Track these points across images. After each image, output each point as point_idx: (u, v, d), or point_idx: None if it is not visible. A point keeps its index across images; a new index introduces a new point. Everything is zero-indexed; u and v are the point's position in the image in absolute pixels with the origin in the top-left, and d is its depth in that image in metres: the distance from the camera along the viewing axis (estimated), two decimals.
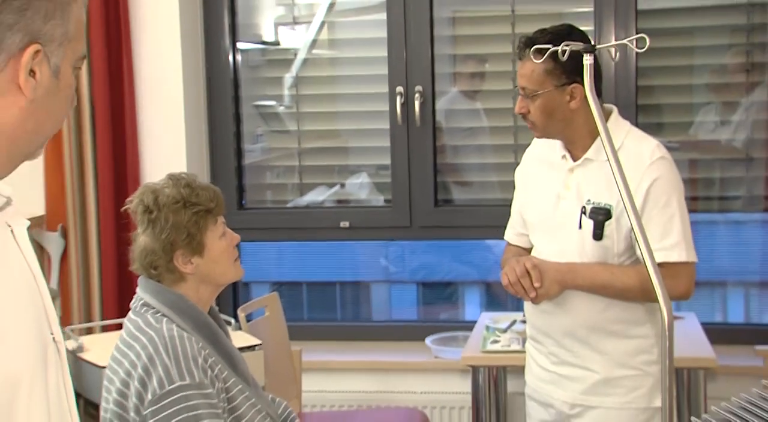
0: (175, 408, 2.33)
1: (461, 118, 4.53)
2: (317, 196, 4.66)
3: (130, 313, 2.56)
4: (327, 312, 6.62)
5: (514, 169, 2.99)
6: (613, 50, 2.37)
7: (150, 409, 2.34)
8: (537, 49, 2.46)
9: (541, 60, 2.52)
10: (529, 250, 3.06)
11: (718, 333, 4.04)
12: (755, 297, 5.34)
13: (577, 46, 2.24)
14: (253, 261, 5.98)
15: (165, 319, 2.48)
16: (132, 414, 2.38)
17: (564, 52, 2.22)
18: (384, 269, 6.39)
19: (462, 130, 4.53)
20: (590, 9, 4.20)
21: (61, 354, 1.40)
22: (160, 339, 2.41)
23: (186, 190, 2.56)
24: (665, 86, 4.36)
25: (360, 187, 4.67)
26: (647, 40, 2.14)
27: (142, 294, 2.55)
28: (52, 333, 1.37)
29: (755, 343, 4.02)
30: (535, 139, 3.04)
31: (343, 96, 4.70)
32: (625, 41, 2.23)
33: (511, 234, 3.14)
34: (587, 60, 2.19)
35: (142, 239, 2.56)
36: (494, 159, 4.51)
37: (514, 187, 3.14)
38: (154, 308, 2.50)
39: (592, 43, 2.64)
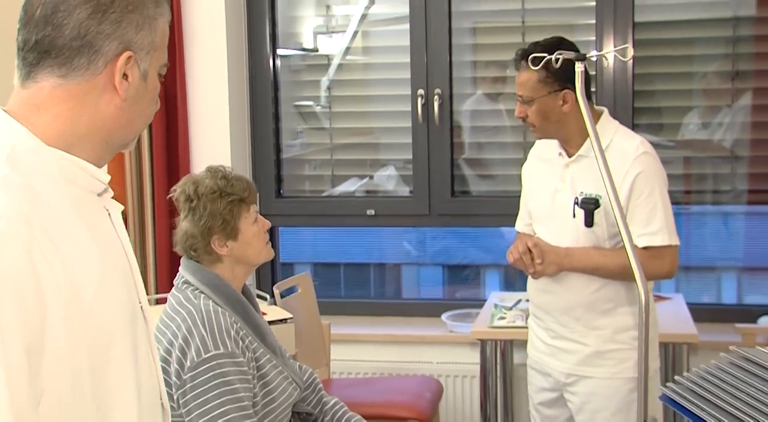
0: (210, 374, 2.35)
1: (476, 118, 4.50)
2: (350, 186, 4.66)
3: (173, 289, 2.58)
4: (358, 290, 6.61)
5: (521, 164, 3.01)
6: (608, 57, 2.34)
7: (189, 374, 2.36)
8: (534, 57, 2.44)
9: (537, 68, 2.50)
10: None
11: (704, 313, 4.01)
12: (739, 281, 5.29)
13: (569, 54, 2.22)
14: (292, 243, 5.99)
15: (202, 296, 2.49)
16: (174, 378, 2.40)
17: (557, 60, 2.20)
18: (408, 252, 6.38)
19: (477, 129, 4.51)
20: (592, 21, 4.16)
21: (147, 320, 1.46)
22: (197, 313, 2.43)
23: (222, 181, 2.56)
24: (660, 91, 4.31)
25: (388, 179, 4.67)
26: (631, 50, 2.12)
27: (183, 272, 2.56)
28: (140, 302, 1.44)
29: (736, 322, 3.98)
30: (537, 140, 3.04)
31: (372, 97, 4.69)
32: (612, 50, 2.20)
33: (521, 225, 3.16)
34: (579, 67, 2.18)
35: (183, 224, 2.57)
36: (505, 155, 4.48)
37: (520, 182, 3.14)
38: (193, 285, 2.52)
39: (581, 52, 2.61)
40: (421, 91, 4.31)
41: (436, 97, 4.29)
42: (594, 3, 4.15)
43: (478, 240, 6.10)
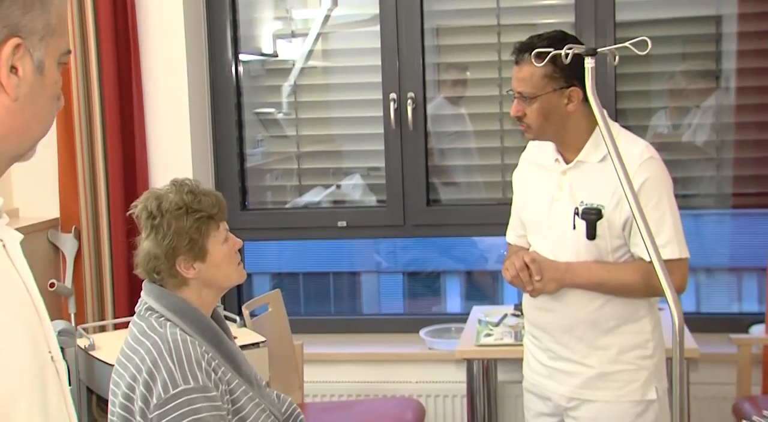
0: (180, 412, 2.10)
1: (448, 123, 4.27)
2: (314, 196, 4.41)
3: (134, 317, 2.32)
4: (321, 303, 6.38)
5: (501, 170, 2.77)
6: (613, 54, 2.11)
7: (155, 413, 2.11)
8: (538, 52, 2.20)
9: (542, 64, 2.27)
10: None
11: (694, 323, 3.82)
12: (725, 288, 5.13)
13: (580, 48, 1.99)
14: (253, 254, 5.74)
15: (169, 323, 2.24)
16: (138, 417, 2.14)
17: (566, 55, 1.97)
18: (376, 262, 6.16)
19: (449, 134, 4.28)
20: (571, 20, 3.95)
21: (60, 373, 1.19)
22: (164, 344, 2.17)
23: (189, 196, 2.31)
24: (642, 91, 4.12)
25: (353, 188, 4.42)
26: (649, 43, 1.89)
27: (146, 298, 2.31)
28: (50, 352, 1.17)
29: (728, 332, 3.80)
30: (530, 143, 2.80)
31: (336, 102, 4.44)
32: (627, 44, 1.97)
33: (512, 236, 2.90)
34: (589, 63, 1.95)
35: (145, 244, 2.31)
36: (481, 161, 4.24)
37: (501, 188, 2.90)
38: (157, 312, 2.26)
39: (591, 47, 2.38)
40: (393, 95, 4.06)
41: (409, 101, 4.05)
42: (573, 1, 3.94)
43: (447, 250, 5.89)
